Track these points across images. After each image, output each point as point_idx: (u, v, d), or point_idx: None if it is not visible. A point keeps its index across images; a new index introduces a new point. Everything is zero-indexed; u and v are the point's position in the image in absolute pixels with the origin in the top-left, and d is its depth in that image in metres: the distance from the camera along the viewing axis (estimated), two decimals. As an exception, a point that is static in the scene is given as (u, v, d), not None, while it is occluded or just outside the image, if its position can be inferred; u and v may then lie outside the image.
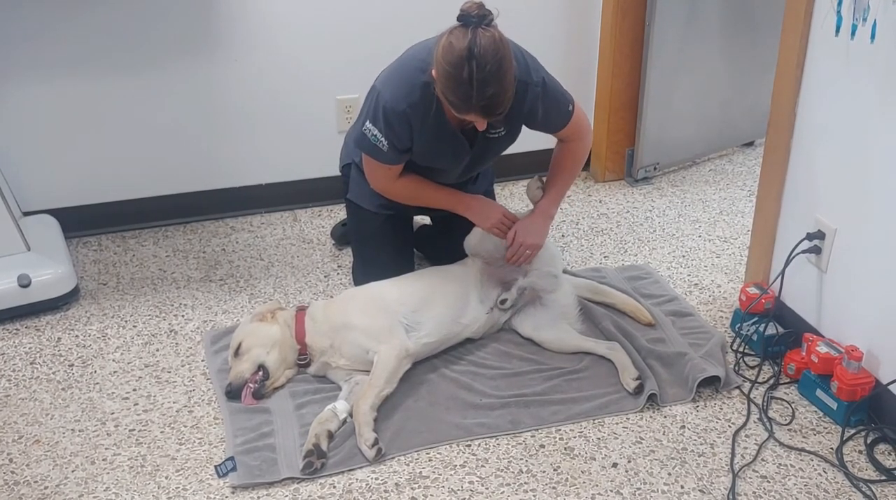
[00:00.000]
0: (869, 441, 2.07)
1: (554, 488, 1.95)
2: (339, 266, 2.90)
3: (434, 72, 2.06)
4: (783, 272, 2.35)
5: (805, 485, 1.96)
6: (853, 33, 2.03)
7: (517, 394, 2.22)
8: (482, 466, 2.01)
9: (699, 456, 2.05)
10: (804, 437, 2.11)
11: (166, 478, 1.98)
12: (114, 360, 2.42)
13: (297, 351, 2.28)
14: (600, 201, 3.36)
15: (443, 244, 2.69)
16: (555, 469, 2.00)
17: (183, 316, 2.62)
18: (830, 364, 2.16)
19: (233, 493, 1.94)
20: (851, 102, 2.10)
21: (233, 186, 3.21)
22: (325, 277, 2.84)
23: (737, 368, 2.35)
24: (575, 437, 2.11)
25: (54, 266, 2.63)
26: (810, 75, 2.25)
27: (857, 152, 2.11)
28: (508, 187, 3.44)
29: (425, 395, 2.23)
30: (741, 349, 2.40)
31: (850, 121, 2.12)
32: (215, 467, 2.00)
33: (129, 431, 2.14)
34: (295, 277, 2.84)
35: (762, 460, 2.04)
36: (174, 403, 2.24)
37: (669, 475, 1.99)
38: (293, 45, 3.05)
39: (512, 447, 2.07)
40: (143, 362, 2.40)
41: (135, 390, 2.29)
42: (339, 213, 3.23)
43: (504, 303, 2.43)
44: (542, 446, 2.08)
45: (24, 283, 2.54)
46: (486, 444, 2.08)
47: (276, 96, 3.11)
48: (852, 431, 2.11)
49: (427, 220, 2.87)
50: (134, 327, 2.57)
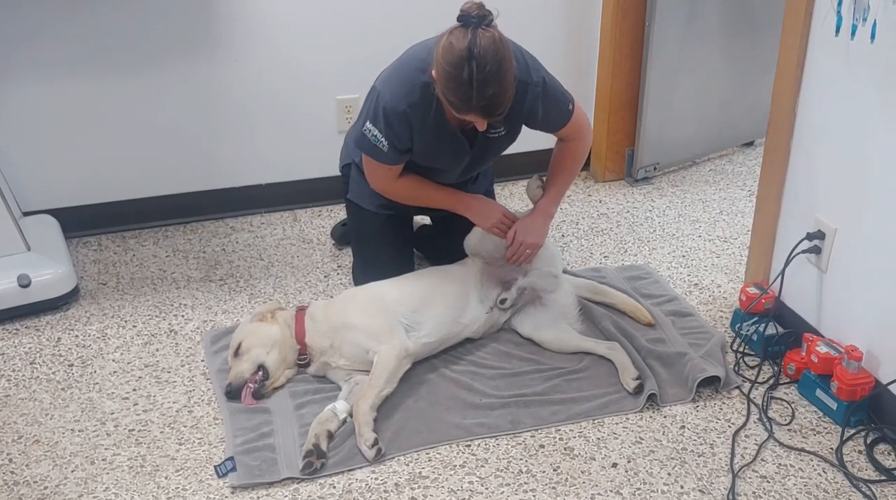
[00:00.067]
0: (869, 441, 2.07)
1: (554, 488, 1.95)
2: (339, 266, 2.90)
3: (434, 72, 2.06)
4: (783, 272, 2.35)
5: (805, 485, 1.96)
6: (853, 33, 2.03)
7: (517, 394, 2.22)
8: (482, 466, 2.01)
9: (699, 456, 2.05)
10: (804, 437, 2.11)
11: (166, 478, 1.98)
12: (113, 360, 2.42)
13: (297, 351, 2.28)
14: (600, 201, 3.36)
15: (443, 244, 2.69)
16: (555, 469, 2.00)
17: (183, 316, 2.62)
18: (830, 364, 2.16)
19: (232, 493, 1.94)
20: (851, 102, 2.10)
21: (233, 186, 3.21)
22: (325, 277, 2.84)
23: (737, 368, 2.35)
24: (575, 437, 2.11)
25: (54, 266, 2.63)
26: (810, 75, 2.24)
27: (857, 152, 2.11)
28: (508, 187, 3.44)
29: (425, 395, 2.23)
30: (741, 349, 2.40)
31: (850, 121, 2.12)
32: (215, 467, 2.00)
33: (129, 431, 2.14)
34: (295, 277, 2.84)
35: (762, 460, 2.04)
36: (174, 403, 2.24)
37: (669, 475, 1.99)
38: (293, 45, 3.05)
39: (512, 447, 2.07)
40: (143, 362, 2.40)
41: (134, 390, 2.29)
42: (339, 213, 3.23)
43: (504, 303, 2.43)
44: (542, 446, 2.08)
45: (24, 283, 2.53)
46: (485, 444, 2.08)
47: (276, 96, 3.11)
48: (852, 431, 2.11)
49: (427, 220, 2.87)
50: (134, 327, 2.57)
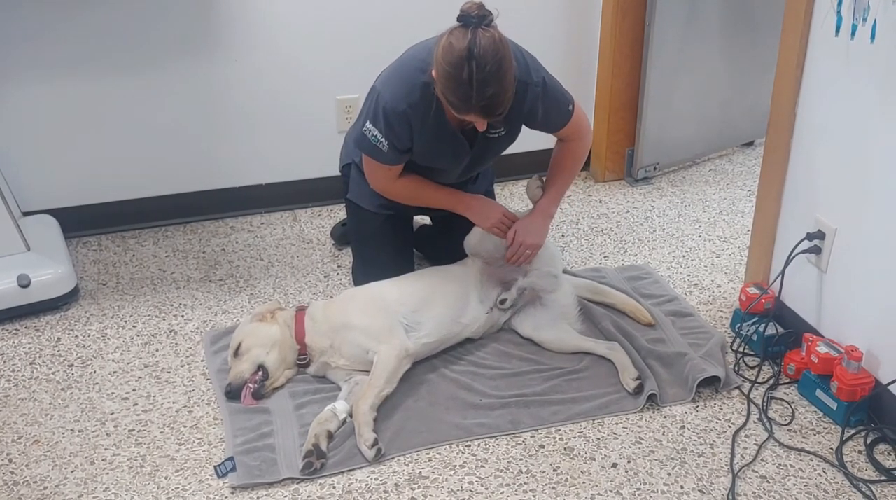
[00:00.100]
0: (869, 441, 2.07)
1: (554, 488, 1.95)
2: (338, 266, 2.90)
3: (434, 72, 2.06)
4: (783, 272, 2.35)
5: (805, 485, 1.96)
6: (853, 33, 2.03)
7: (517, 394, 2.22)
8: (482, 466, 2.01)
9: (699, 456, 2.04)
10: (804, 437, 2.11)
11: (166, 478, 1.98)
12: (113, 360, 2.41)
13: (297, 351, 2.28)
14: (600, 201, 3.36)
15: (443, 244, 2.69)
16: (554, 470, 2.00)
17: (183, 316, 2.62)
18: (830, 364, 2.16)
19: (232, 493, 1.94)
20: (851, 102, 2.10)
21: (233, 186, 3.21)
22: (325, 277, 2.84)
23: (737, 368, 2.35)
24: (575, 437, 2.10)
25: (54, 266, 2.63)
26: (810, 75, 2.24)
27: (857, 152, 2.11)
28: (508, 187, 3.44)
29: (425, 395, 2.23)
30: (741, 349, 2.39)
31: (850, 121, 2.12)
32: (215, 467, 2.00)
33: (129, 431, 2.14)
34: (295, 277, 2.84)
35: (762, 460, 2.04)
36: (174, 403, 2.24)
37: (669, 475, 1.99)
38: (293, 45, 3.05)
39: (512, 447, 2.07)
40: (143, 363, 2.40)
41: (134, 390, 2.29)
42: (339, 213, 3.23)
43: (504, 303, 2.43)
44: (542, 446, 2.08)
45: (24, 283, 2.53)
46: (485, 444, 2.08)
47: (276, 96, 3.11)
48: (852, 431, 2.10)
49: (427, 220, 2.87)
50: (133, 327, 2.57)
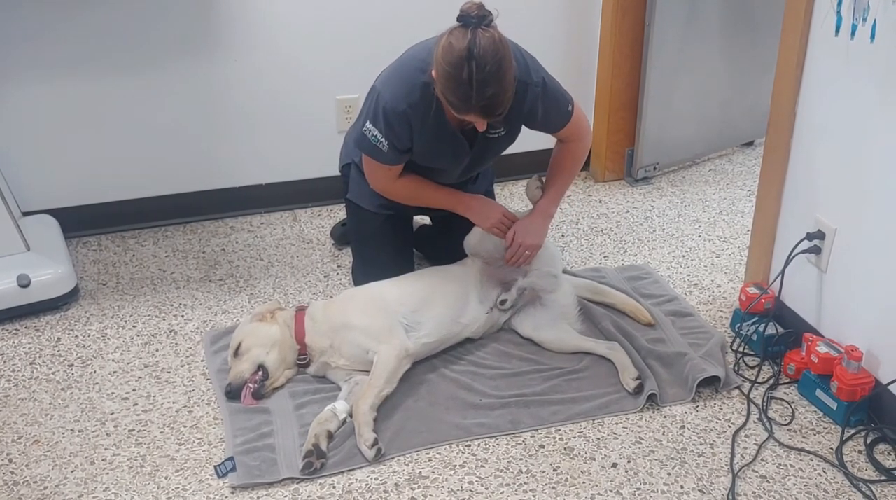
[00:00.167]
0: (869, 441, 2.07)
1: (554, 488, 1.95)
2: (338, 266, 2.90)
3: (434, 72, 2.06)
4: (783, 272, 2.35)
5: (805, 485, 1.96)
6: (853, 33, 2.03)
7: (517, 394, 2.22)
8: (482, 466, 2.01)
9: (699, 456, 2.04)
10: (804, 437, 2.11)
11: (166, 478, 1.98)
12: (113, 360, 2.41)
13: (297, 351, 2.28)
14: (600, 201, 3.36)
15: (443, 244, 2.69)
16: (554, 469, 2.00)
17: (182, 316, 2.62)
18: (830, 364, 2.16)
19: (232, 493, 1.94)
20: (851, 102, 2.10)
21: (232, 186, 3.21)
22: (325, 277, 2.84)
23: (737, 368, 2.35)
24: (575, 437, 2.10)
25: (54, 266, 2.63)
26: (810, 75, 2.24)
27: (857, 152, 2.11)
28: (508, 187, 3.44)
29: (425, 395, 2.23)
30: (741, 349, 2.39)
31: (850, 120, 2.12)
32: (215, 467, 2.00)
33: (129, 431, 2.14)
34: (295, 277, 2.84)
35: (762, 460, 2.04)
36: (174, 403, 2.24)
37: (669, 475, 1.99)
38: (293, 45, 3.05)
39: (512, 447, 2.07)
40: (143, 363, 2.40)
41: (134, 390, 2.29)
42: (339, 213, 3.23)
43: (504, 304, 2.43)
44: (542, 446, 2.08)
45: (24, 283, 2.53)
46: (485, 444, 2.08)
47: (276, 96, 3.11)
48: (852, 431, 2.10)
49: (427, 220, 2.87)
50: (133, 327, 2.57)
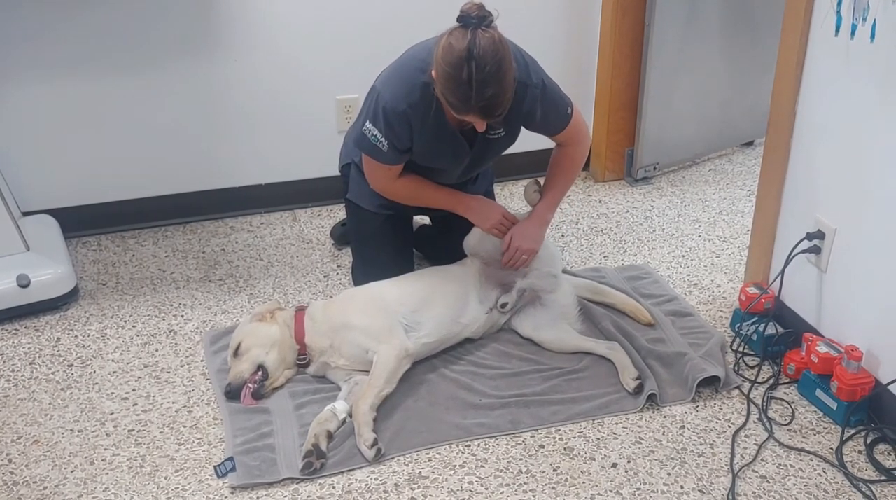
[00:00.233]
0: (869, 441, 2.07)
1: (553, 488, 1.95)
2: (338, 266, 2.90)
3: (434, 72, 2.06)
4: (783, 272, 2.35)
5: (805, 485, 1.96)
6: (853, 33, 2.03)
7: (517, 394, 2.22)
8: (482, 466, 2.01)
9: (699, 456, 2.04)
10: (804, 437, 2.11)
11: (165, 478, 1.98)
12: (113, 360, 2.41)
13: (297, 351, 2.28)
14: (600, 201, 3.36)
15: (442, 244, 2.69)
16: (554, 470, 2.00)
17: (182, 316, 2.62)
18: (830, 364, 2.15)
19: (232, 493, 1.94)
20: (851, 102, 2.10)
21: (232, 186, 3.21)
22: (325, 277, 2.84)
23: (736, 368, 2.35)
24: (575, 437, 2.10)
25: (54, 266, 2.63)
26: (810, 75, 2.24)
27: (857, 152, 2.11)
28: (508, 187, 3.44)
29: (425, 395, 2.23)
30: (741, 349, 2.39)
31: (849, 120, 2.12)
32: (215, 467, 2.00)
33: (129, 431, 2.14)
34: (294, 277, 2.84)
35: (762, 460, 2.04)
36: (173, 403, 2.24)
37: (669, 475, 1.99)
38: (293, 45, 3.05)
39: (511, 447, 2.07)
40: (143, 363, 2.40)
41: (134, 390, 2.29)
42: (339, 213, 3.23)
43: (504, 307, 2.43)
44: (542, 446, 2.08)
45: (24, 283, 2.53)
46: (485, 444, 2.08)
47: (276, 96, 3.11)
48: (852, 431, 2.10)
49: (427, 220, 2.87)
50: (133, 327, 2.57)
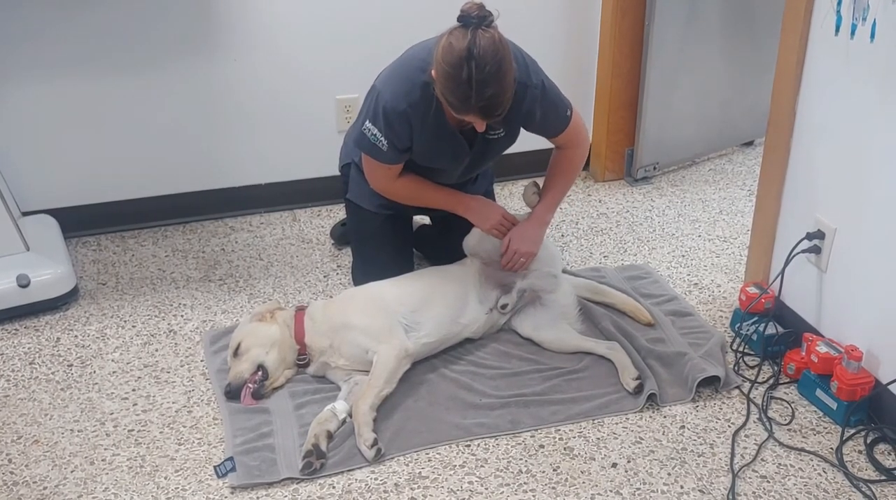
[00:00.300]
0: (869, 441, 2.07)
1: (553, 488, 1.95)
2: (338, 266, 2.90)
3: (434, 72, 2.06)
4: (783, 272, 2.35)
5: (805, 485, 1.96)
6: (853, 33, 2.03)
7: (517, 394, 2.22)
8: (482, 466, 2.01)
9: (699, 456, 2.04)
10: (804, 437, 2.11)
11: (165, 478, 1.98)
12: (113, 360, 2.41)
13: (297, 351, 2.28)
14: (600, 201, 3.36)
15: (442, 244, 2.69)
16: (554, 469, 2.00)
17: (182, 316, 2.62)
18: (830, 364, 2.15)
19: (232, 493, 1.94)
20: (851, 102, 2.10)
21: (232, 186, 3.21)
22: (325, 277, 2.84)
23: (736, 368, 2.35)
24: (574, 437, 2.10)
25: (53, 266, 2.63)
26: (810, 75, 2.24)
27: (857, 151, 2.11)
28: (508, 187, 3.44)
29: (425, 395, 2.22)
30: (741, 349, 2.39)
31: (849, 120, 2.12)
32: (214, 467, 2.00)
33: (129, 431, 2.14)
34: (294, 277, 2.84)
35: (762, 460, 2.04)
36: (173, 403, 2.24)
37: (669, 475, 1.99)
38: (293, 45, 3.05)
39: (511, 447, 2.07)
40: (143, 363, 2.40)
41: (134, 390, 2.29)
42: (339, 213, 3.23)
43: (504, 308, 2.43)
44: (542, 446, 2.08)
45: (24, 283, 2.53)
46: (485, 444, 2.08)
47: (276, 96, 3.11)
48: (852, 431, 2.10)
49: (427, 220, 2.87)
50: (133, 327, 2.57)
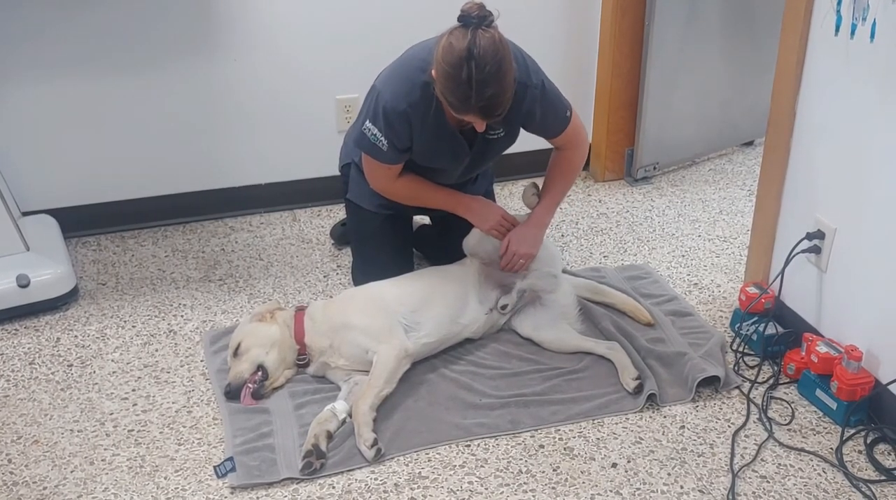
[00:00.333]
0: (869, 441, 2.07)
1: (553, 488, 1.95)
2: (338, 266, 2.90)
3: (434, 72, 2.06)
4: (783, 272, 2.35)
5: (805, 485, 1.96)
6: (853, 32, 2.03)
7: (517, 394, 2.22)
8: (482, 466, 2.01)
9: (699, 456, 2.04)
10: (804, 437, 2.11)
11: (165, 478, 1.98)
12: (113, 360, 2.41)
13: (297, 351, 2.28)
14: (600, 201, 3.36)
15: (442, 244, 2.69)
16: (554, 469, 2.00)
17: (182, 316, 2.62)
18: (830, 364, 2.15)
19: (232, 493, 1.94)
20: (851, 101, 2.10)
21: (232, 186, 3.21)
22: (325, 277, 2.84)
23: (736, 368, 2.35)
24: (574, 437, 2.10)
25: (53, 266, 2.63)
26: (810, 74, 2.24)
27: (857, 151, 2.11)
28: (508, 187, 3.44)
29: (425, 395, 2.22)
30: (741, 349, 2.39)
31: (849, 120, 2.12)
32: (214, 467, 2.00)
33: (128, 431, 2.14)
34: (294, 277, 2.84)
35: (762, 460, 2.04)
36: (173, 403, 2.24)
37: (669, 475, 1.99)
38: (293, 45, 3.05)
39: (511, 447, 2.07)
40: (143, 363, 2.40)
41: (134, 390, 2.29)
42: (339, 213, 3.23)
43: (504, 308, 2.43)
44: (542, 446, 2.08)
45: (23, 283, 2.53)
46: (485, 444, 2.08)
47: (276, 96, 3.11)
48: (852, 431, 2.10)
49: (427, 220, 2.87)
50: (133, 327, 2.57)
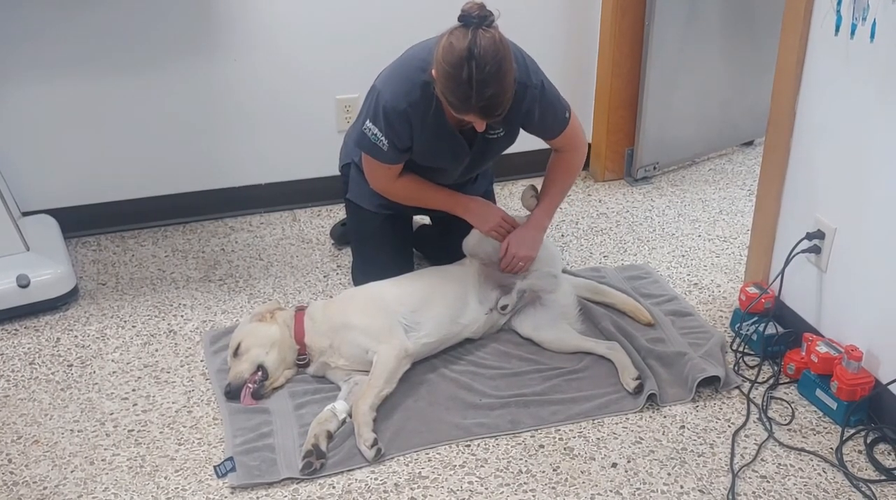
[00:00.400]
0: (869, 441, 2.07)
1: (553, 488, 1.95)
2: (338, 266, 2.90)
3: (434, 72, 2.06)
4: (783, 272, 2.35)
5: (805, 485, 1.96)
6: (853, 32, 2.03)
7: (517, 394, 2.22)
8: (482, 466, 2.01)
9: (699, 456, 2.04)
10: (804, 437, 2.11)
11: (165, 478, 1.98)
12: (113, 360, 2.41)
13: (297, 351, 2.28)
14: (600, 201, 3.36)
15: (442, 244, 2.69)
16: (554, 469, 2.00)
17: (182, 316, 2.62)
18: (830, 364, 2.15)
19: (232, 493, 1.94)
20: (851, 101, 2.10)
21: (232, 186, 3.21)
22: (325, 277, 2.84)
23: (736, 368, 2.35)
24: (574, 437, 2.10)
25: (53, 266, 2.63)
26: (810, 74, 2.24)
27: (857, 151, 2.11)
28: (508, 187, 3.44)
29: (425, 395, 2.23)
30: (741, 349, 2.39)
31: (849, 120, 2.12)
32: (214, 467, 2.00)
33: (129, 431, 2.14)
34: (294, 277, 2.84)
35: (762, 460, 2.04)
36: (173, 403, 2.24)
37: (669, 475, 1.99)
38: (293, 45, 3.05)
39: (511, 447, 2.07)
40: (143, 363, 2.40)
41: (134, 390, 2.29)
42: (339, 212, 3.23)
43: (504, 309, 2.43)
44: (542, 446, 2.08)
45: (23, 283, 2.53)
46: (485, 444, 2.08)
47: (276, 96, 3.11)
48: (852, 431, 2.10)
49: (427, 220, 2.87)
50: (133, 327, 2.57)
